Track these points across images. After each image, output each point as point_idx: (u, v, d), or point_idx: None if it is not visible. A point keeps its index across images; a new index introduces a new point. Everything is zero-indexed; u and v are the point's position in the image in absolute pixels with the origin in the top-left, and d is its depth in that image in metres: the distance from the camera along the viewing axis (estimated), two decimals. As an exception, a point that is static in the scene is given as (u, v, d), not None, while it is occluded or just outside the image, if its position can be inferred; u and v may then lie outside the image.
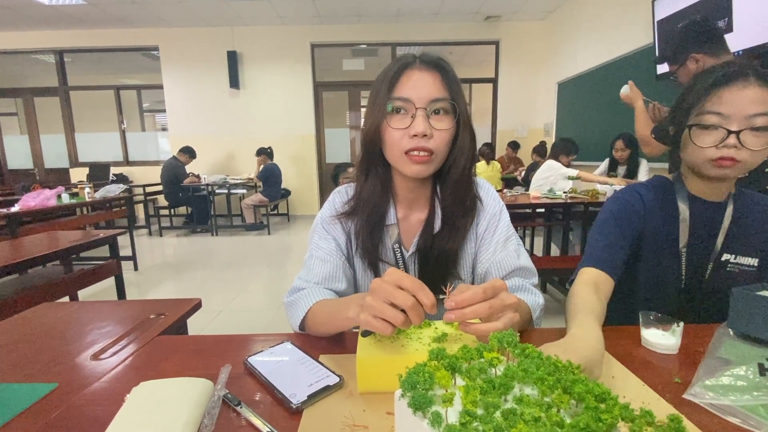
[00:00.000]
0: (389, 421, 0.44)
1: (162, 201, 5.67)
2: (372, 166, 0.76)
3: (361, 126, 0.76)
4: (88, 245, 1.99)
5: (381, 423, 0.44)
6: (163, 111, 6.41)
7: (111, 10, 5.37)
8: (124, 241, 3.84)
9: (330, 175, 2.57)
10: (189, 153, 5.37)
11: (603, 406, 0.30)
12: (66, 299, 1.87)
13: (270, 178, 5.27)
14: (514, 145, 5.82)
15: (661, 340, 0.60)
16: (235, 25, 5.99)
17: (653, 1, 3.37)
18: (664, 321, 0.61)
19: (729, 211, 0.80)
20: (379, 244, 0.77)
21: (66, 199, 3.42)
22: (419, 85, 0.68)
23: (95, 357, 0.64)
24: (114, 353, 0.65)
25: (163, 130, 6.90)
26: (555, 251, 3.18)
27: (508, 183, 5.01)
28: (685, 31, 1.47)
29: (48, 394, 0.53)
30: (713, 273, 0.81)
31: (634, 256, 0.85)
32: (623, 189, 0.90)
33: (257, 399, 0.50)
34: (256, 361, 0.57)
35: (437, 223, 0.77)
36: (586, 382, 0.32)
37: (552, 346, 0.50)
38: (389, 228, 0.78)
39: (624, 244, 0.81)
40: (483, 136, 6.43)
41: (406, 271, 0.78)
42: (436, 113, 0.69)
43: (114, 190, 3.99)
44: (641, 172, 3.12)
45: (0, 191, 5.44)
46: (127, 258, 3.50)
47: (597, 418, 0.28)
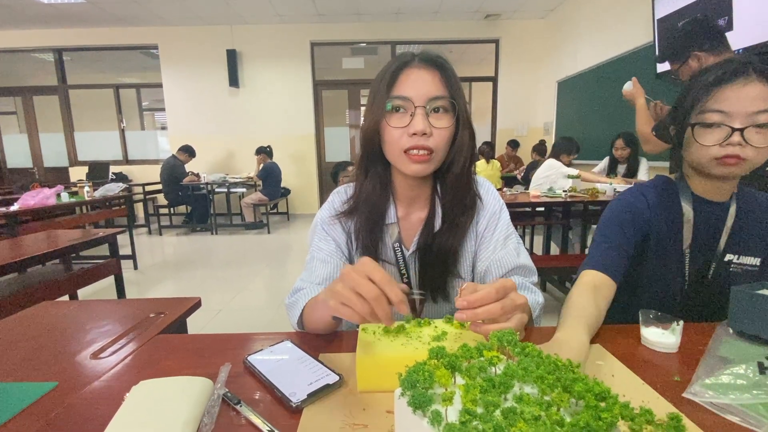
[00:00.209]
0: (389, 419, 0.44)
1: (161, 200, 5.66)
2: (372, 164, 0.76)
3: (361, 124, 0.76)
4: (88, 244, 1.99)
5: (381, 422, 0.44)
6: (163, 110, 6.40)
7: (110, 9, 5.36)
8: (123, 240, 3.83)
9: (329, 174, 2.56)
10: (188, 152, 5.37)
11: (603, 404, 0.30)
12: (66, 298, 1.87)
13: (269, 177, 5.27)
14: (513, 144, 5.82)
15: (661, 338, 0.60)
16: (235, 23, 5.98)
17: (653, 0, 3.37)
18: (663, 319, 0.61)
19: (732, 210, 0.79)
20: (379, 243, 0.77)
21: (65, 198, 3.42)
22: (418, 84, 0.68)
23: (95, 356, 0.64)
24: (114, 352, 0.65)
25: (163, 128, 6.89)
26: (555, 250, 3.18)
27: (507, 182, 5.01)
28: (687, 29, 1.47)
29: (48, 393, 0.53)
30: (716, 273, 0.81)
31: (638, 258, 0.84)
32: (628, 191, 0.89)
33: (257, 398, 0.50)
34: (255, 359, 0.57)
35: (437, 222, 0.77)
36: (586, 381, 0.32)
37: None
38: (389, 227, 0.78)
39: (627, 247, 0.80)
40: (483, 135, 6.43)
41: (407, 270, 0.78)
42: (435, 111, 0.69)
43: (113, 188, 3.98)
44: (641, 171, 3.12)
45: (-1, 190, 5.44)
46: (126, 257, 3.50)
47: (597, 416, 0.28)
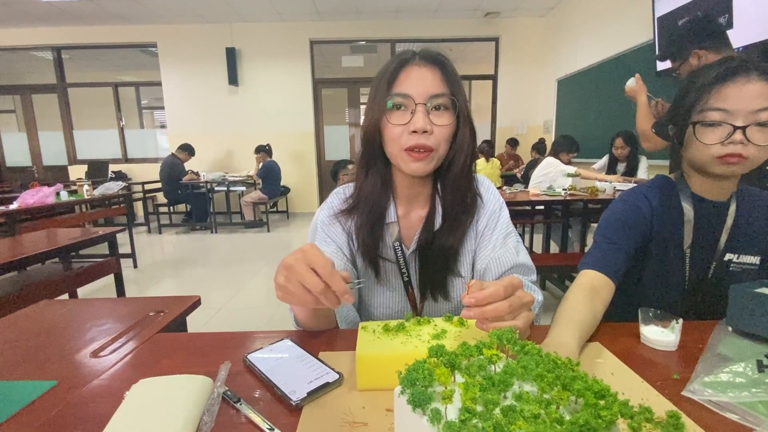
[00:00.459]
0: (389, 418, 0.44)
1: (161, 198, 5.66)
2: (372, 162, 0.76)
3: (361, 122, 0.75)
4: (87, 243, 1.99)
5: (380, 420, 0.44)
6: (162, 108, 6.39)
7: (109, 7, 5.34)
8: (123, 238, 3.82)
9: (329, 172, 2.55)
10: (188, 150, 5.37)
11: (602, 402, 0.30)
12: (65, 296, 1.87)
13: (269, 176, 5.26)
14: (512, 143, 5.81)
15: (660, 336, 0.60)
16: (234, 21, 5.97)
17: (653, -2, 3.37)
18: (663, 318, 0.61)
19: (732, 210, 0.79)
20: (380, 242, 0.77)
21: (65, 196, 3.42)
22: (419, 81, 0.68)
23: (95, 354, 0.64)
24: (113, 351, 0.65)
25: (162, 127, 6.88)
26: (554, 248, 3.18)
27: (507, 180, 5.01)
28: (687, 27, 1.47)
29: (47, 392, 0.53)
30: (716, 273, 0.80)
31: (639, 259, 0.84)
32: (630, 192, 0.88)
33: (257, 396, 0.50)
34: (255, 358, 0.57)
35: (438, 220, 0.76)
36: (585, 379, 0.32)
37: None
38: (390, 226, 0.77)
39: (629, 248, 0.80)
40: (482, 134, 6.43)
41: (407, 269, 0.78)
42: (436, 109, 0.68)
43: (113, 187, 3.97)
44: (641, 169, 3.12)
45: (-2, 189, 5.44)
46: (126, 255, 3.50)
47: (596, 414, 0.28)
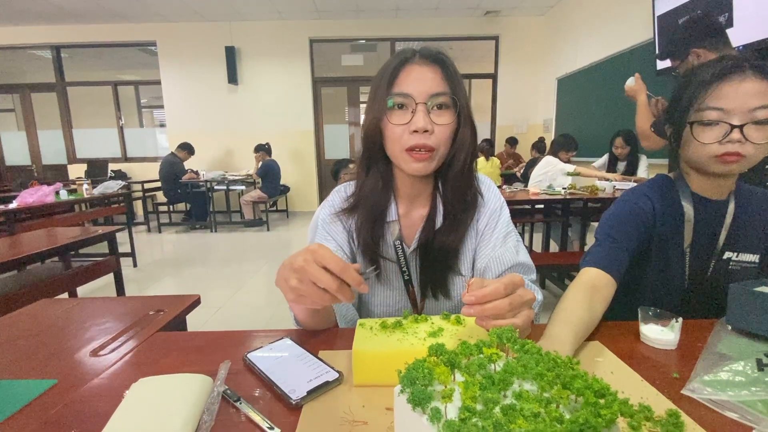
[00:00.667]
0: (389, 416, 0.44)
1: (161, 197, 5.66)
2: (373, 162, 0.75)
3: (362, 122, 0.75)
4: (87, 242, 1.99)
5: (380, 419, 0.44)
6: (162, 107, 6.38)
7: (108, 5, 5.33)
8: (122, 237, 3.82)
9: (330, 171, 2.55)
10: (187, 149, 5.36)
11: (602, 401, 0.30)
12: (65, 296, 1.87)
13: (268, 175, 5.26)
14: (512, 141, 5.81)
15: (660, 335, 0.60)
16: (233, 20, 5.95)
17: (653, -4, 3.36)
18: (662, 316, 0.61)
19: (731, 208, 0.79)
20: (380, 241, 0.77)
21: (64, 195, 3.41)
22: (419, 80, 0.67)
23: (94, 353, 0.64)
24: (113, 349, 0.65)
25: (162, 126, 6.87)
26: (554, 247, 3.19)
27: (507, 179, 5.02)
28: (687, 26, 1.46)
29: (47, 391, 0.53)
30: (715, 271, 0.81)
31: (640, 258, 0.84)
32: (632, 192, 0.88)
33: (257, 395, 0.50)
34: (255, 356, 0.57)
35: (439, 219, 0.76)
36: (585, 378, 0.32)
37: None
38: (390, 224, 0.77)
39: (630, 247, 0.80)
40: (482, 132, 6.41)
41: (408, 268, 0.77)
42: (437, 108, 0.68)
43: (112, 186, 3.97)
44: (641, 168, 3.12)
45: (-2, 188, 5.42)
46: (125, 254, 3.49)
47: (596, 413, 0.28)
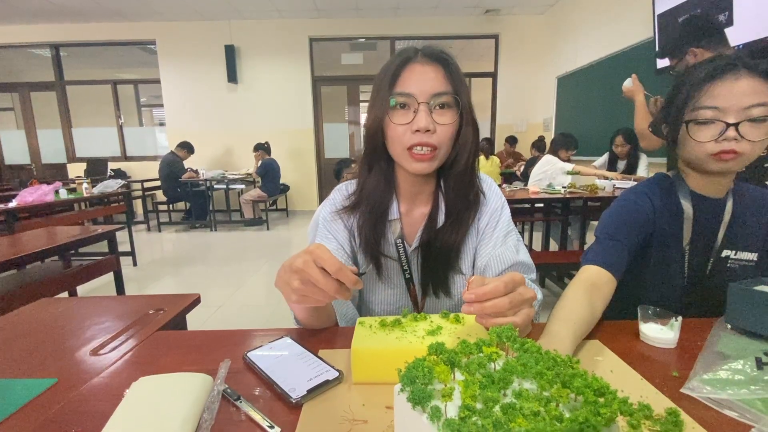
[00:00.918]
0: (389, 415, 0.45)
1: (160, 196, 5.65)
2: (375, 161, 0.75)
3: (364, 121, 0.75)
4: (87, 241, 1.99)
5: (380, 417, 0.44)
6: (161, 106, 6.37)
7: (107, 4, 5.31)
8: (122, 236, 3.81)
9: (331, 170, 2.55)
10: (187, 148, 5.35)
11: (602, 400, 0.30)
12: (65, 295, 1.87)
13: (268, 174, 5.25)
14: (511, 140, 5.81)
15: (660, 334, 0.60)
16: (233, 18, 5.94)
17: (654, -5, 3.35)
18: (662, 315, 0.61)
19: (729, 206, 0.80)
20: (382, 239, 0.77)
21: (64, 194, 3.41)
22: (421, 80, 0.67)
23: (94, 352, 0.64)
24: (113, 348, 0.65)
25: (161, 125, 6.86)
26: (553, 246, 3.19)
27: (506, 178, 5.01)
28: (685, 25, 1.47)
29: (47, 390, 0.53)
30: (714, 269, 0.81)
31: (640, 257, 0.84)
32: (632, 190, 0.88)
33: (257, 394, 0.50)
34: (255, 355, 0.57)
35: (440, 218, 0.76)
36: (584, 377, 0.32)
37: None
38: (392, 223, 0.77)
39: (630, 245, 0.80)
40: (482, 131, 6.25)
41: (409, 267, 0.78)
42: (439, 107, 0.68)
43: (112, 185, 3.97)
44: (641, 167, 3.12)
45: (-3, 187, 5.42)
46: (125, 253, 3.49)
47: (596, 412, 0.28)
